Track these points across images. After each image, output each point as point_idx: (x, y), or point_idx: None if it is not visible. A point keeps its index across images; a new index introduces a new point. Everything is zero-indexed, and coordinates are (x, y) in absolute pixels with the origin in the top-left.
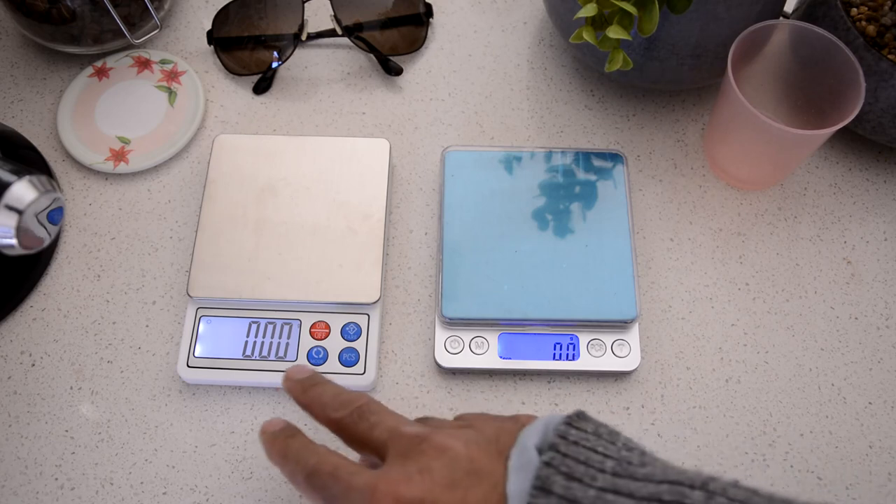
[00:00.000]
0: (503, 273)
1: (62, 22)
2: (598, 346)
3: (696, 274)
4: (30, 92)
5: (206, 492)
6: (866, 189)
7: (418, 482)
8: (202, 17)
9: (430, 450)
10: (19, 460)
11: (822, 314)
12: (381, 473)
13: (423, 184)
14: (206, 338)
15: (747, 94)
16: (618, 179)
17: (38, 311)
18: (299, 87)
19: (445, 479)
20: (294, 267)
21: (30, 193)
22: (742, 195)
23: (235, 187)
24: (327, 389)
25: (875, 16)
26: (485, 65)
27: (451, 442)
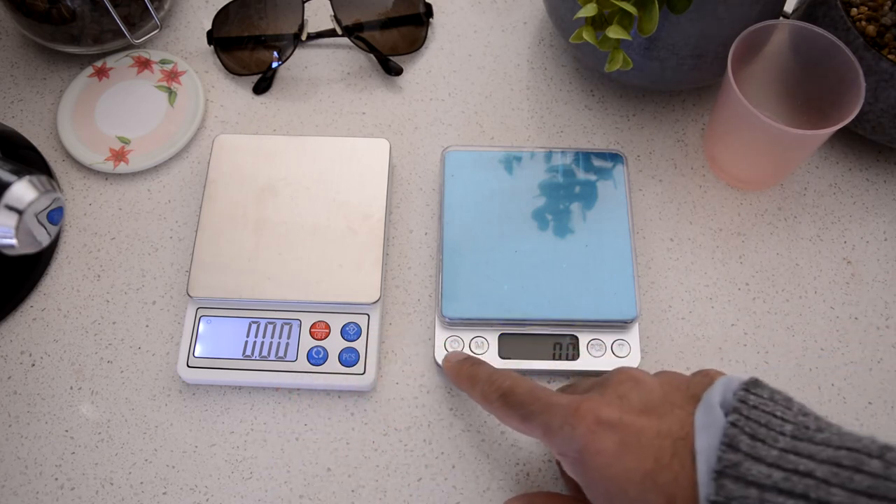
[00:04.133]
0: (503, 273)
1: (62, 22)
2: (598, 346)
3: (696, 274)
4: (30, 92)
5: (206, 492)
6: (866, 189)
7: (617, 405)
8: (202, 17)
9: (628, 381)
10: (19, 460)
11: (822, 314)
12: (582, 396)
13: (423, 184)
14: (206, 338)
15: (747, 94)
16: (618, 179)
17: (38, 311)
18: (299, 87)
19: (641, 405)
20: (294, 267)
21: (30, 193)
22: (742, 195)
23: (235, 187)
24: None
25: (875, 16)
26: (485, 65)
27: (645, 377)
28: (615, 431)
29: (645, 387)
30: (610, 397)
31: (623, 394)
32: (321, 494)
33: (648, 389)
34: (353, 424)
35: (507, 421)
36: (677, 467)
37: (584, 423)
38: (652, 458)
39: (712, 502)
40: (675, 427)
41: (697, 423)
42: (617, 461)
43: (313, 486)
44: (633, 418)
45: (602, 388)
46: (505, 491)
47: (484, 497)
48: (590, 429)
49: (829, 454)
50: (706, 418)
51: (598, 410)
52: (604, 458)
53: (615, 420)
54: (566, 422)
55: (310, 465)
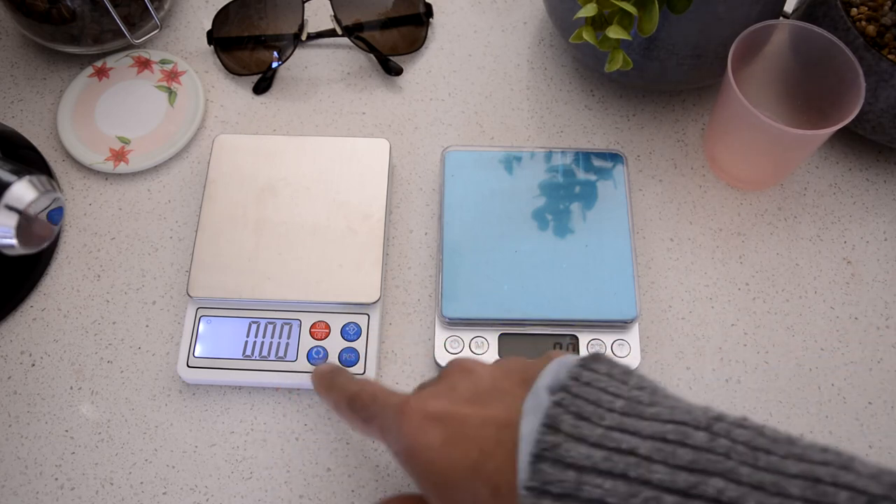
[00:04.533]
0: (503, 273)
1: (62, 22)
2: (598, 346)
3: (696, 274)
4: (30, 92)
5: (206, 492)
6: (866, 189)
7: (444, 397)
8: (202, 17)
9: (458, 370)
10: (19, 460)
11: (822, 314)
12: (413, 393)
13: (423, 184)
14: (206, 338)
15: (747, 94)
16: (618, 179)
17: (38, 311)
18: (299, 87)
19: (468, 393)
20: (294, 267)
21: (30, 193)
22: (742, 195)
23: (235, 187)
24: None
25: (875, 16)
26: (485, 65)
27: (476, 366)
28: (441, 424)
29: (474, 375)
30: (439, 389)
31: (453, 384)
32: (321, 494)
33: (478, 377)
34: None
35: (354, 426)
36: (501, 455)
37: (410, 419)
38: (477, 447)
39: (528, 488)
40: (501, 413)
41: (525, 407)
42: (442, 455)
43: (313, 486)
44: (458, 408)
45: (435, 381)
46: None
47: None
48: (416, 424)
49: (655, 429)
50: (532, 402)
51: (425, 404)
52: (430, 453)
53: (441, 412)
54: (395, 419)
55: (310, 465)
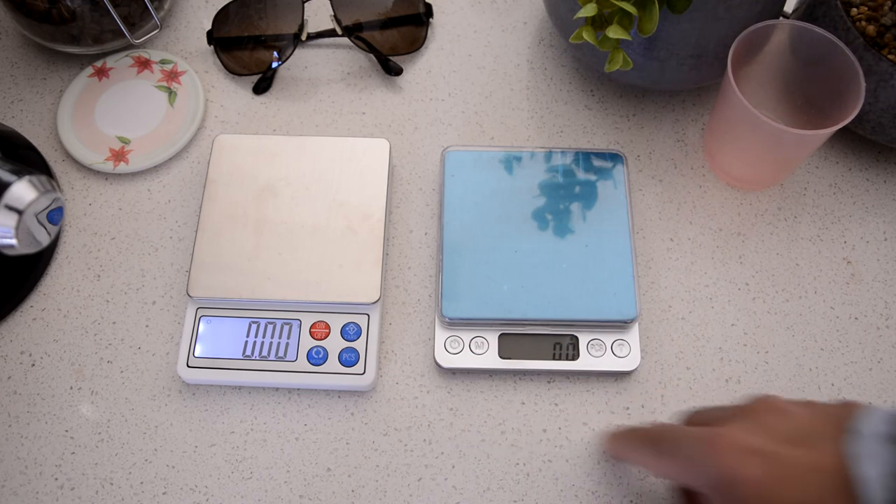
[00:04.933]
0: (503, 273)
1: (62, 22)
2: (598, 346)
3: (696, 274)
4: (30, 92)
5: (206, 492)
6: (866, 189)
7: (760, 434)
8: (202, 17)
9: (771, 410)
10: (19, 460)
11: (822, 314)
12: (719, 427)
13: (423, 184)
14: (205, 338)
15: (747, 94)
16: (618, 179)
17: (38, 311)
18: (299, 87)
19: (786, 435)
20: (294, 267)
21: (30, 193)
22: (742, 195)
23: (235, 187)
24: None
25: (875, 16)
26: (485, 65)
27: (789, 406)
28: (761, 459)
29: (789, 416)
30: (751, 425)
31: (766, 423)
32: (321, 494)
33: (793, 419)
34: (353, 424)
35: (658, 467)
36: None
37: (723, 451)
38: (803, 490)
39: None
40: (828, 459)
41: (852, 453)
42: (765, 490)
43: (313, 486)
44: (779, 447)
45: (742, 416)
46: (505, 491)
47: (484, 497)
48: (733, 456)
49: None
50: (863, 448)
51: (740, 438)
52: (750, 489)
53: (759, 447)
54: (703, 451)
55: (310, 465)
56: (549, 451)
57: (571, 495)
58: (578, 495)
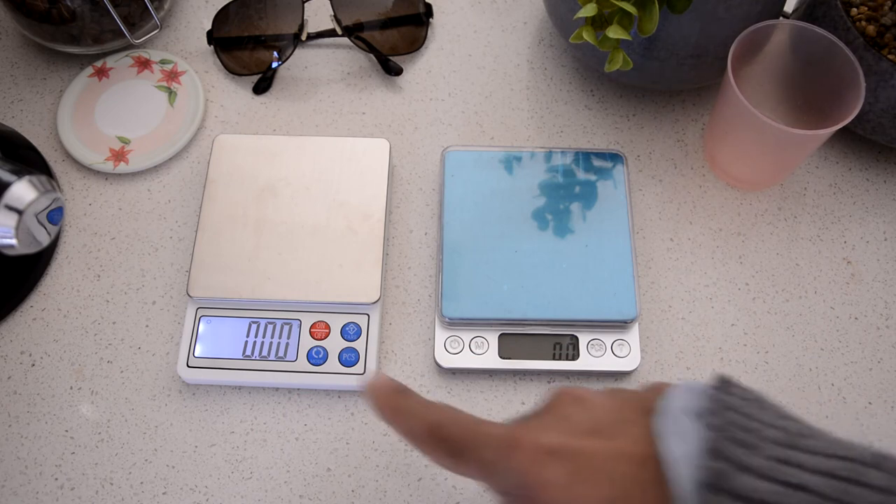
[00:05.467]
0: (503, 273)
1: (62, 22)
2: (598, 346)
3: (696, 274)
4: (30, 92)
5: (206, 492)
6: (866, 189)
7: (559, 429)
8: (202, 17)
9: (567, 399)
10: (19, 460)
11: (822, 314)
12: (516, 424)
13: (423, 184)
14: (205, 338)
15: (747, 94)
16: (618, 179)
17: (38, 311)
18: (299, 87)
19: (587, 427)
20: (294, 267)
21: (30, 193)
22: (742, 195)
23: (235, 187)
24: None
25: (875, 16)
26: (485, 65)
27: (586, 393)
28: (562, 459)
29: (588, 404)
30: (550, 421)
31: (566, 415)
32: (321, 494)
33: (591, 407)
34: (353, 424)
35: (436, 459)
36: (640, 492)
37: (522, 454)
38: (608, 484)
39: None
40: (631, 447)
41: (660, 431)
42: (570, 493)
43: (313, 486)
44: (580, 441)
45: (542, 414)
46: None
47: (484, 497)
48: (531, 459)
49: (819, 463)
50: (672, 426)
51: (538, 437)
52: (553, 492)
53: (559, 445)
54: (501, 454)
55: (310, 465)
56: None
57: None
58: None
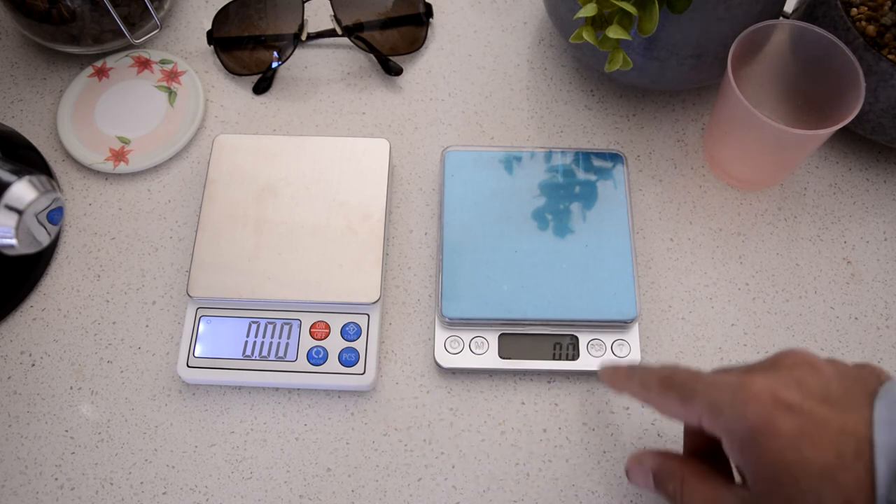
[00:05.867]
0: (503, 273)
1: (62, 22)
2: (598, 346)
3: (696, 274)
4: (30, 92)
5: (206, 492)
6: (866, 189)
7: (795, 389)
8: (202, 17)
9: (804, 365)
10: (19, 460)
11: (822, 314)
12: (751, 374)
13: (423, 184)
14: (205, 338)
15: (747, 94)
16: (618, 179)
17: (38, 311)
18: (299, 87)
19: (820, 393)
20: (294, 267)
21: (30, 193)
22: (742, 195)
23: (235, 187)
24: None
25: (875, 16)
26: (485, 65)
27: (819, 363)
28: (795, 416)
29: (823, 375)
30: (785, 378)
31: (800, 378)
32: (321, 494)
33: (826, 377)
34: (353, 424)
35: (665, 406)
36: (861, 469)
37: (758, 402)
38: (833, 452)
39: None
40: (860, 426)
41: (877, 418)
42: (793, 448)
43: (313, 486)
44: (814, 406)
45: (773, 369)
46: (505, 491)
47: (484, 497)
48: (766, 408)
49: None
50: (888, 414)
51: (777, 390)
52: (780, 442)
53: (796, 404)
54: (736, 398)
55: (310, 465)
56: (549, 451)
57: (571, 495)
58: (578, 495)
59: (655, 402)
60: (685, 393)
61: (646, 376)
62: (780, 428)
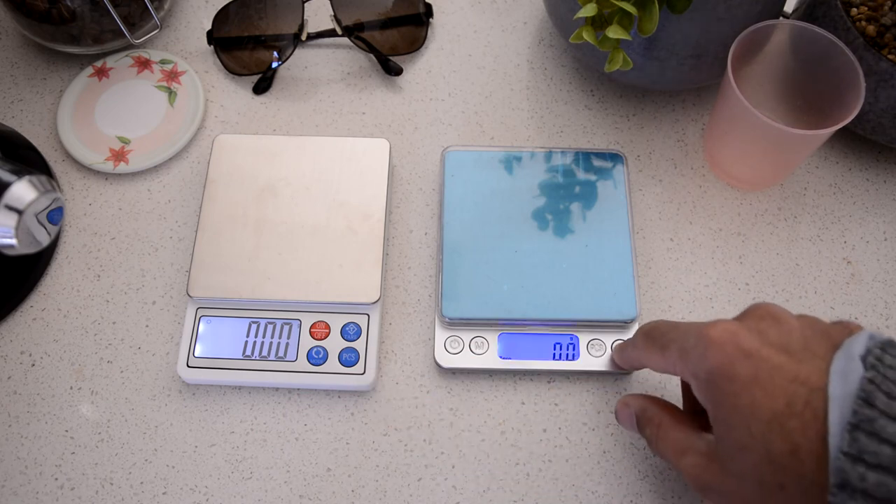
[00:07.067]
0: (503, 273)
1: (62, 22)
2: (598, 346)
3: (696, 274)
4: (30, 92)
5: (206, 492)
6: (866, 189)
7: (756, 336)
8: (202, 17)
9: (767, 316)
10: (19, 460)
11: (822, 314)
12: (716, 322)
13: (423, 184)
14: (205, 338)
15: (747, 94)
16: (618, 179)
17: (38, 311)
18: (299, 87)
19: (780, 343)
20: (294, 267)
21: (30, 193)
22: (742, 195)
23: (235, 187)
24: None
25: (875, 16)
26: (485, 65)
27: (784, 314)
28: (750, 361)
29: (785, 326)
30: (748, 327)
31: (763, 328)
32: (321, 494)
33: (789, 329)
34: (353, 424)
35: (650, 359)
36: (809, 417)
37: (718, 346)
38: (784, 400)
39: (845, 453)
40: (814, 376)
41: (833, 369)
42: (746, 392)
43: (313, 486)
44: (770, 353)
45: (740, 318)
46: (505, 491)
47: (484, 497)
48: (724, 353)
49: None
50: (844, 365)
51: (737, 337)
52: (734, 386)
53: (752, 350)
54: (699, 342)
55: (310, 465)
56: (549, 451)
57: (571, 495)
58: (578, 495)
59: (643, 357)
60: (663, 343)
61: (635, 335)
62: (737, 372)
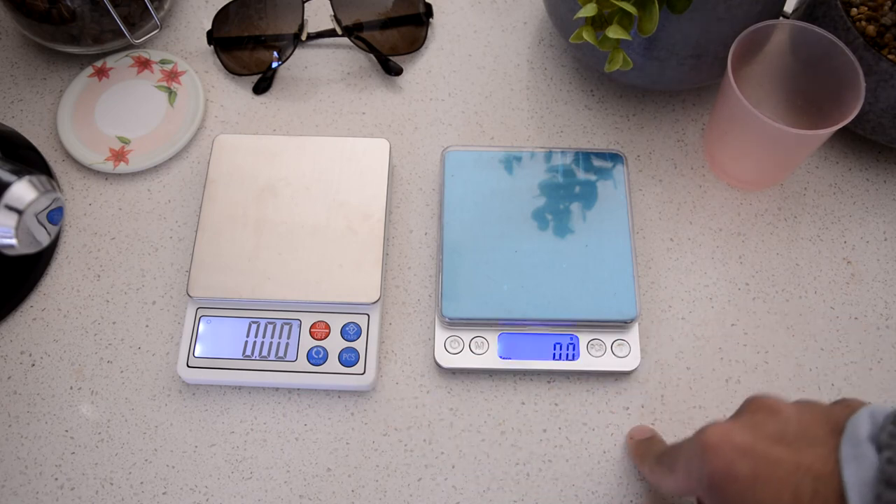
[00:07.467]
0: (503, 273)
1: (62, 22)
2: (597, 346)
3: (696, 274)
4: (30, 92)
5: (206, 492)
6: (866, 189)
7: (749, 432)
8: (202, 17)
9: (762, 409)
10: (19, 460)
11: (822, 314)
12: (709, 425)
13: (423, 184)
14: (205, 338)
15: (747, 94)
16: (618, 179)
17: (38, 311)
18: (299, 87)
19: (776, 434)
20: (294, 267)
21: (30, 193)
22: (742, 195)
23: (235, 187)
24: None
25: (875, 16)
26: (485, 65)
27: (780, 405)
28: (749, 459)
29: (781, 415)
30: (742, 424)
31: (757, 422)
32: (321, 494)
33: (785, 418)
34: (353, 424)
35: (663, 482)
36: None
37: (714, 449)
38: (789, 492)
39: None
40: (818, 463)
41: (843, 456)
42: (750, 491)
43: (313, 486)
44: (767, 447)
45: (735, 416)
46: (505, 491)
47: (484, 497)
48: (721, 454)
49: None
50: (853, 450)
51: (730, 435)
52: (737, 486)
53: (748, 446)
54: (696, 449)
55: (310, 465)
56: (549, 451)
57: (571, 495)
58: (578, 495)
59: (662, 483)
60: (670, 462)
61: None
62: (737, 471)
